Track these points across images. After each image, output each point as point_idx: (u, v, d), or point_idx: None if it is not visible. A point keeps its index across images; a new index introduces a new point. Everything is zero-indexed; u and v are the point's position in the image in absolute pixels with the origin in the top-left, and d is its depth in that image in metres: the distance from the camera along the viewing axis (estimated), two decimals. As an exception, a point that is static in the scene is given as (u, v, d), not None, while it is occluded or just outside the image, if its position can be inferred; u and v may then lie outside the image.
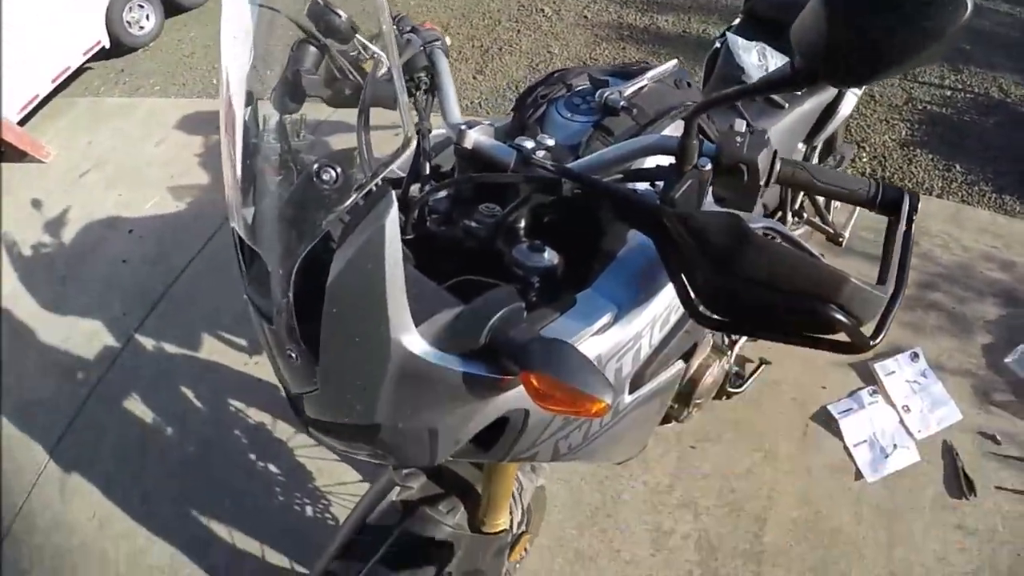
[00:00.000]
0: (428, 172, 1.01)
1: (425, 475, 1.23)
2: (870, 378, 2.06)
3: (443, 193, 0.97)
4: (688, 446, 1.89)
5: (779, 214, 1.76)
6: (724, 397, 1.76)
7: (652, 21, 3.75)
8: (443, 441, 0.80)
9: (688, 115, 0.78)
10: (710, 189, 0.84)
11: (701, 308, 0.72)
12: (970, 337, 2.19)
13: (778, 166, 0.79)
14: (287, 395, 0.84)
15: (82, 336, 2.66)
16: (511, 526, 1.28)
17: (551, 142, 0.94)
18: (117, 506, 2.10)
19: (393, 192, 0.64)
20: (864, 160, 2.89)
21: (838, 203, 2.05)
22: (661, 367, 1.01)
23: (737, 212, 0.74)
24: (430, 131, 1.01)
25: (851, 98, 1.71)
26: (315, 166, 0.67)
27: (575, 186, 0.85)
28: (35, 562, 2.07)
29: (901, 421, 1.97)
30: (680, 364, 1.07)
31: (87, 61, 4.36)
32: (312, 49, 0.91)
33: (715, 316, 0.72)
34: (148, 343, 2.55)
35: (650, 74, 1.11)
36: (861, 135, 2.98)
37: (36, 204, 3.43)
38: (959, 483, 1.84)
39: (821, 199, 1.86)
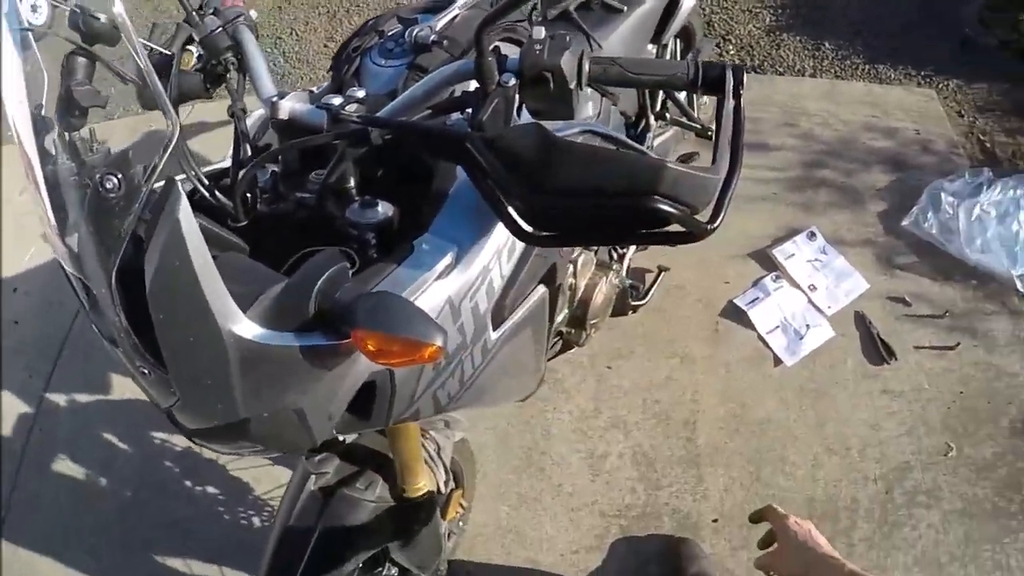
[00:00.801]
0: (252, 154, 0.97)
1: (337, 457, 1.21)
2: (771, 264, 2.10)
3: (268, 172, 0.94)
4: (604, 367, 1.91)
5: (643, 121, 1.76)
6: (629, 312, 1.78)
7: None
8: (314, 420, 0.78)
9: (475, 33, 0.75)
10: (523, 105, 0.82)
11: (529, 230, 0.71)
12: (863, 207, 2.26)
13: (587, 66, 0.77)
14: (161, 411, 0.81)
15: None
16: (437, 487, 1.28)
17: (361, 94, 0.92)
18: (72, 569, 2.04)
19: (179, 184, 0.63)
20: (731, 52, 2.91)
21: (705, 98, 2.07)
22: (521, 297, 1.00)
23: (539, 122, 0.73)
24: (245, 111, 0.98)
25: None
26: (97, 176, 0.64)
27: (383, 133, 0.82)
28: None
29: (809, 301, 2.01)
30: (542, 289, 1.07)
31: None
32: (81, 60, 0.86)
33: (544, 234, 0.71)
34: (60, 399, 2.45)
35: (460, 2, 1.09)
36: (725, 28, 3.00)
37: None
38: (877, 350, 1.91)
39: (682, 95, 1.87)
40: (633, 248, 1.71)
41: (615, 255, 1.64)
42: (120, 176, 0.63)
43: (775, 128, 2.51)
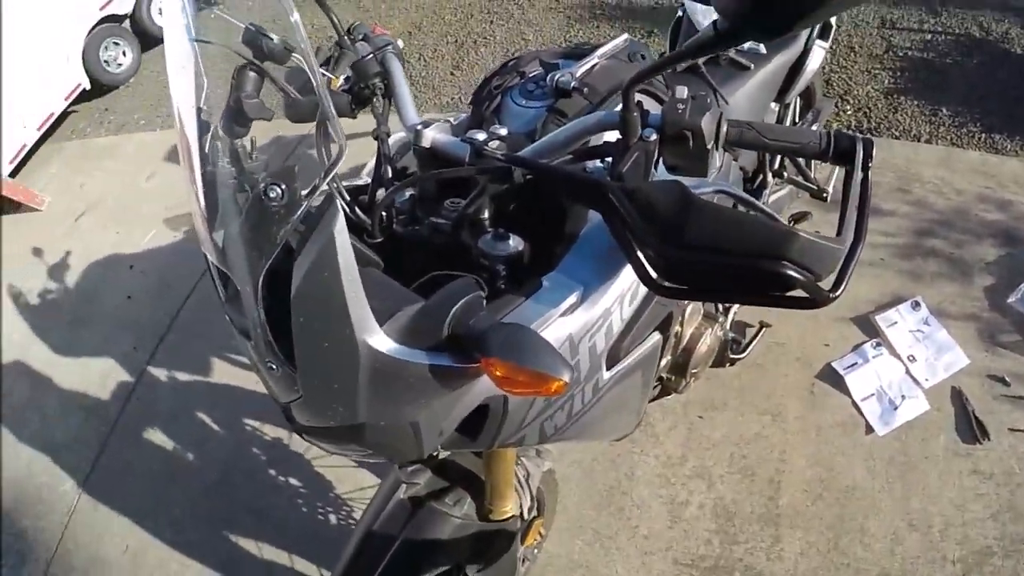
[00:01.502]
0: (391, 175, 1.03)
1: (430, 470, 1.25)
2: (873, 331, 2.05)
3: (407, 194, 0.99)
4: (696, 416, 1.90)
5: (760, 177, 1.76)
6: (727, 364, 1.77)
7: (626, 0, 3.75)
8: (427, 434, 0.82)
9: (624, 88, 0.78)
10: (660, 159, 0.84)
11: (657, 279, 0.72)
12: (971, 280, 2.19)
13: (724, 128, 0.79)
14: (278, 406, 0.87)
15: (97, 375, 2.70)
16: (521, 512, 1.30)
17: (504, 131, 0.95)
18: (149, 536, 2.15)
19: (339, 201, 0.67)
20: (848, 113, 2.88)
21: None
22: (636, 341, 1.02)
23: (679, 179, 0.75)
24: (389, 135, 1.03)
25: (818, 52, 1.70)
26: (261, 185, 0.68)
27: (525, 172, 0.86)
28: None
29: (907, 371, 1.95)
30: (656, 336, 1.09)
31: (70, 105, 4.40)
32: (251, 74, 0.92)
33: (671, 286, 0.72)
34: (161, 374, 2.59)
35: (600, 51, 1.12)
36: (843, 88, 2.97)
37: (37, 252, 3.47)
38: (971, 428, 1.84)
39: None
40: (737, 305, 1.71)
41: (721, 307, 1.64)
42: (284, 187, 0.68)
43: (889, 193, 2.46)
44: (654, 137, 0.80)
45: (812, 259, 0.65)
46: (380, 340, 0.72)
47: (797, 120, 2.03)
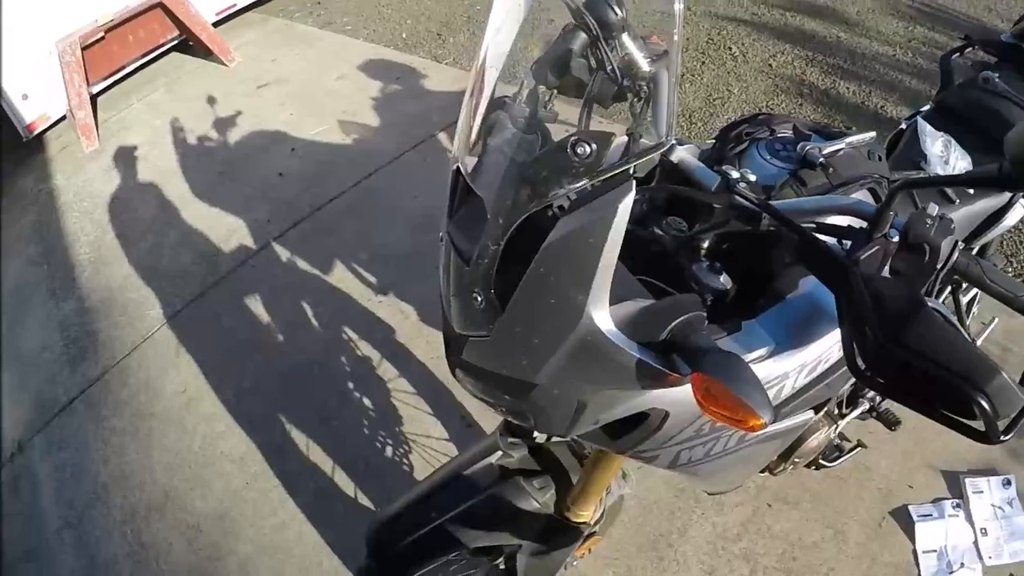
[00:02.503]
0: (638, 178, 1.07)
1: (527, 449, 1.29)
2: (958, 491, 2.00)
3: (641, 196, 1.03)
4: (766, 503, 1.89)
5: None
6: (815, 467, 1.75)
7: (833, 85, 3.66)
8: (586, 417, 0.86)
9: (895, 187, 0.81)
10: (890, 260, 0.86)
11: (860, 365, 0.74)
12: (1070, 481, 2.08)
13: (955, 255, 0.80)
14: (446, 335, 0.91)
15: (224, 229, 2.88)
16: (591, 522, 1.32)
17: (752, 178, 0.98)
18: (210, 389, 2.27)
19: (633, 182, 0.71)
20: (1010, 273, 2.74)
21: (975, 310, 2.00)
22: (794, 411, 1.05)
23: (911, 283, 0.78)
24: (641, 137, 1.07)
25: (1020, 209, 1.65)
26: (573, 138, 0.72)
27: (772, 223, 0.89)
28: (115, 414, 2.25)
29: (975, 542, 1.92)
30: (810, 413, 1.11)
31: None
32: (582, 35, 0.96)
33: (870, 375, 0.73)
34: (283, 253, 2.73)
35: (849, 139, 1.13)
36: (1012, 248, 2.82)
37: (210, 100, 3.71)
38: (1012, 620, 1.77)
39: (964, 301, 1.82)
40: (856, 413, 1.68)
41: (839, 411, 1.62)
42: (595, 148, 0.71)
43: (1020, 364, 2.33)
44: (896, 239, 0.81)
45: (1002, 399, 0.66)
46: (604, 318, 0.76)
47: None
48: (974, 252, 1.77)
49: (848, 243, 0.87)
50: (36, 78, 3.46)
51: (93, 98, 3.75)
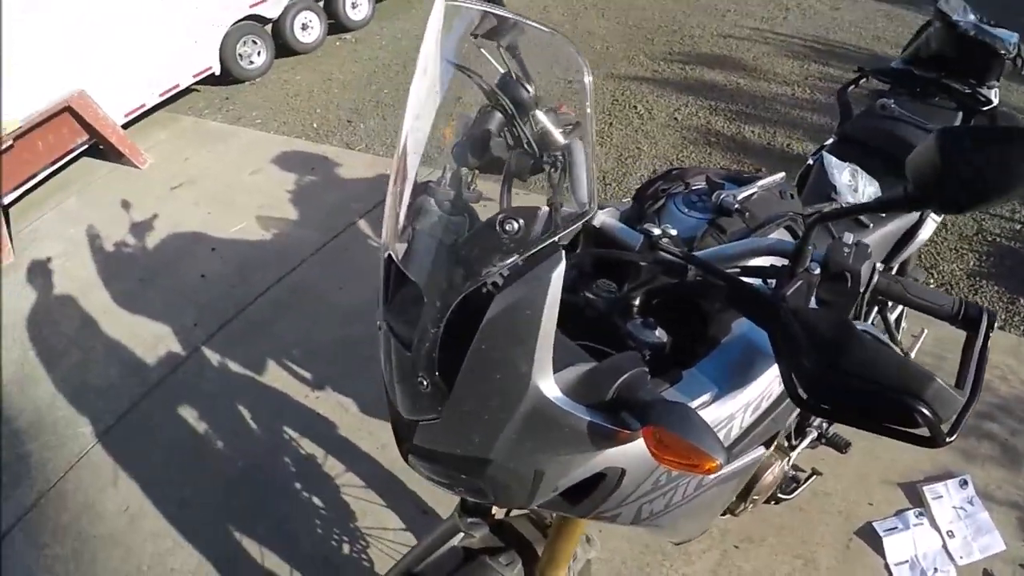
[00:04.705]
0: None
1: (488, 528, 1.25)
2: (917, 500, 2.06)
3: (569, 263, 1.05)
4: (732, 545, 1.89)
5: None
6: (774, 502, 1.76)
7: (739, 131, 3.87)
8: (545, 485, 0.85)
9: (810, 223, 0.85)
10: (815, 291, 0.90)
11: (803, 395, 0.76)
12: (1019, 469, 2.17)
13: (876, 277, 0.86)
14: (394, 421, 0.90)
15: (150, 337, 2.77)
16: None
17: (674, 232, 1.02)
18: (153, 505, 2.14)
19: (563, 252, 0.73)
20: (932, 284, 2.90)
21: (904, 325, 2.09)
22: (745, 449, 1.07)
23: (840, 310, 0.82)
24: (562, 206, 1.10)
25: (931, 224, 1.75)
26: (500, 216, 0.74)
27: (698, 273, 0.93)
28: (56, 540, 2.10)
29: (944, 546, 1.97)
30: (761, 449, 1.13)
31: (195, 83, 4.65)
32: (498, 115, 1.00)
33: (813, 403, 0.76)
34: (214, 357, 2.64)
35: (761, 182, 1.20)
36: (931, 261, 3.01)
37: (125, 205, 3.62)
38: (994, 615, 1.80)
39: (893, 315, 1.90)
40: (806, 442, 1.71)
41: (789, 443, 1.65)
42: (522, 223, 0.74)
43: (954, 370, 2.45)
44: (818, 271, 0.85)
45: (940, 403, 0.70)
46: (550, 386, 0.76)
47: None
48: (894, 271, 1.86)
49: (773, 281, 0.90)
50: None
51: (4, 209, 3.61)
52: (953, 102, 1.89)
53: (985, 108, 1.85)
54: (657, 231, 0.99)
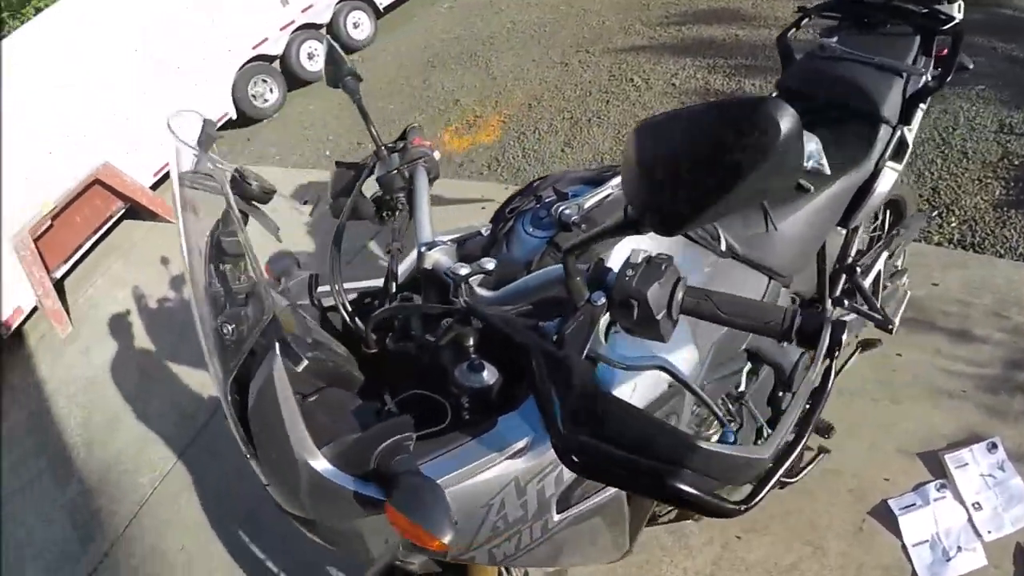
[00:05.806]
0: (395, 291, 1.11)
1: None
2: (940, 470, 1.90)
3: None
4: (734, 535, 1.85)
5: (819, 305, 1.70)
6: (778, 487, 1.71)
7: (739, 85, 3.73)
8: (373, 543, 0.89)
9: (562, 257, 0.79)
10: (615, 322, 0.81)
11: (564, 452, 0.68)
12: (1057, 424, 2.01)
13: (679, 296, 0.74)
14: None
15: (196, 385, 2.98)
16: None
17: (491, 266, 0.95)
18: (205, 544, 2.32)
19: (278, 346, 0.81)
20: (952, 225, 2.67)
21: (888, 284, 1.94)
22: (591, 491, 0.98)
23: (594, 370, 0.77)
24: (401, 251, 1.13)
25: (889, 174, 1.59)
26: (218, 322, 0.84)
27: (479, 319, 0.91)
28: None
29: (970, 520, 1.79)
30: (612, 491, 1.01)
31: (217, 130, 4.86)
32: (237, 213, 1.01)
33: (578, 464, 0.67)
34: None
35: (615, 181, 1.08)
36: (951, 197, 2.78)
37: (164, 261, 3.85)
38: (1031, 593, 1.67)
39: (868, 282, 1.76)
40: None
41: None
42: (234, 327, 0.83)
43: (983, 316, 2.26)
44: (602, 301, 0.77)
45: (718, 471, 0.62)
46: (317, 461, 0.81)
47: (882, 239, 1.94)
48: (858, 229, 1.71)
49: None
50: (-1, 277, 3.62)
51: (58, 283, 3.92)
52: (909, 26, 1.69)
53: (946, 27, 1.62)
54: (464, 271, 0.94)
